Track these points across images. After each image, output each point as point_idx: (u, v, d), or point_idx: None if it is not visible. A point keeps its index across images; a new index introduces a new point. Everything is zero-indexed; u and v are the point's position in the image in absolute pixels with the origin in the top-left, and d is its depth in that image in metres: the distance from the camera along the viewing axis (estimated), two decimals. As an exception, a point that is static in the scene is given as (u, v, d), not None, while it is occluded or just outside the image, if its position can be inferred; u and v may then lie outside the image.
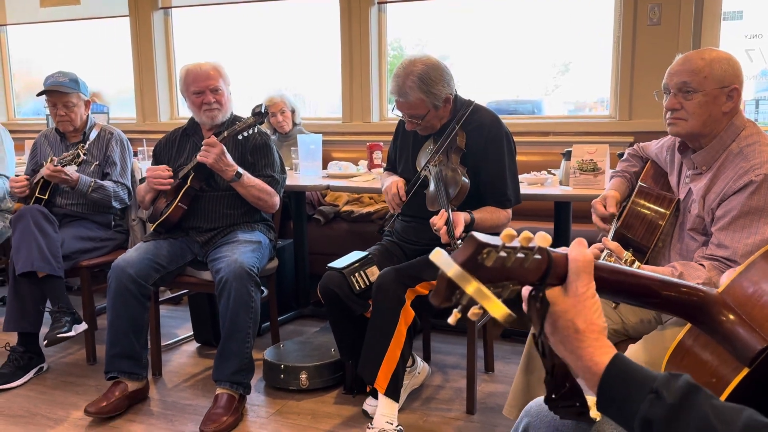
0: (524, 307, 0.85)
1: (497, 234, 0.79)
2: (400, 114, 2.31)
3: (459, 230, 2.03)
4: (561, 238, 2.86)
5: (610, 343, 0.82)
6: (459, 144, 2.24)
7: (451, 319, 0.76)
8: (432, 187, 2.21)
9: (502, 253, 0.74)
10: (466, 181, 2.19)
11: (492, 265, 0.73)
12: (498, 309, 0.72)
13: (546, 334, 0.84)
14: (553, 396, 0.89)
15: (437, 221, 2.05)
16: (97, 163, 2.93)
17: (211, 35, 4.94)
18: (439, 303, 0.74)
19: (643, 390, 0.75)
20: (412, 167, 2.39)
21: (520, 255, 0.75)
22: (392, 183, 2.34)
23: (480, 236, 0.73)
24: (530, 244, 0.77)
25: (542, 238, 0.78)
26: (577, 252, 0.82)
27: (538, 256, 0.78)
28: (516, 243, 0.75)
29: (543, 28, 4.26)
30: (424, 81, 2.17)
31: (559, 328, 0.82)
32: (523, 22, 4.29)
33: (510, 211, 2.33)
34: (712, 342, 0.93)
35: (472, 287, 0.71)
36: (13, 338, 2.81)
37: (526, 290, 0.84)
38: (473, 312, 0.74)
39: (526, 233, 0.77)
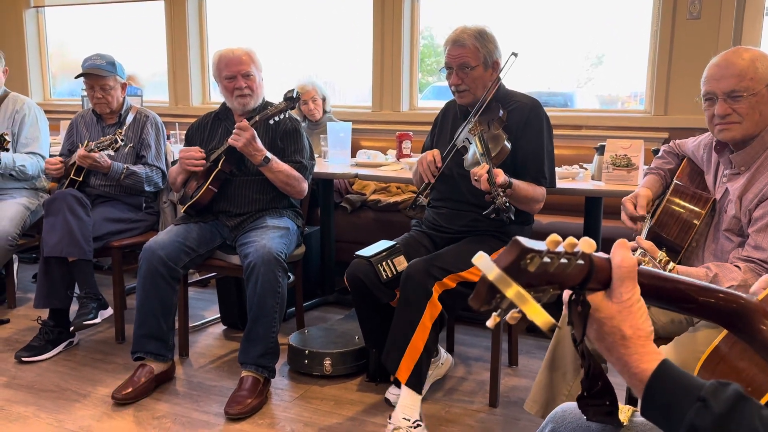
0: (564, 310, 0.84)
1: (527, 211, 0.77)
2: (447, 70, 2.31)
3: (500, 179, 2.03)
4: (591, 234, 2.83)
5: (657, 349, 0.81)
6: (501, 116, 2.24)
7: (490, 323, 0.75)
8: (471, 150, 2.20)
9: (546, 259, 0.73)
10: (508, 145, 2.18)
11: (535, 271, 0.72)
12: (539, 315, 0.71)
13: (591, 340, 0.83)
14: (585, 394, 0.88)
15: (478, 170, 2.05)
16: (131, 145, 2.97)
17: (244, 20, 4.95)
18: (479, 306, 0.73)
19: (689, 397, 0.74)
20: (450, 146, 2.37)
21: (563, 260, 0.74)
22: (427, 152, 2.33)
23: (524, 241, 0.72)
24: (574, 250, 0.76)
25: (587, 244, 0.77)
26: (621, 257, 0.81)
27: (581, 262, 0.77)
28: (560, 248, 0.74)
29: (577, 19, 4.19)
30: (481, 34, 2.29)
31: (606, 335, 0.81)
32: (556, 13, 4.23)
33: (545, 190, 2.30)
34: (749, 350, 0.91)
35: (512, 291, 0.70)
36: (45, 312, 2.88)
37: (566, 294, 0.83)
38: (512, 316, 0.74)
39: (571, 239, 0.76)
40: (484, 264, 0.71)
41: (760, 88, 1.63)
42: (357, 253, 2.30)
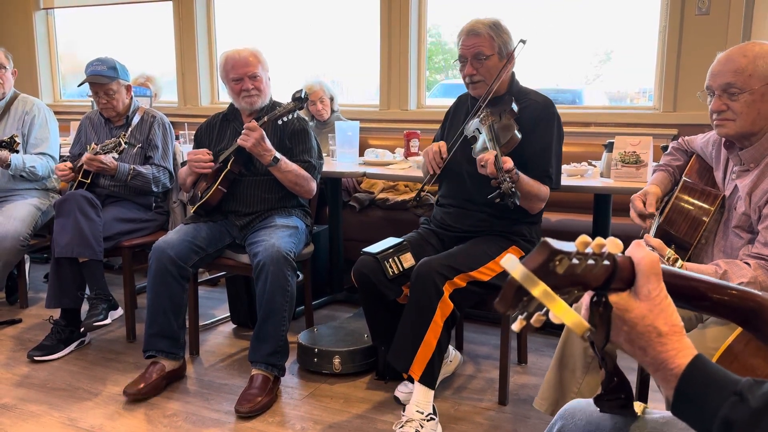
0: (583, 313, 0.82)
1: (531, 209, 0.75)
2: (461, 62, 2.29)
3: (508, 165, 2.01)
4: (600, 232, 2.82)
5: (691, 344, 0.79)
6: (513, 109, 2.22)
7: (516, 326, 0.74)
8: (481, 138, 2.18)
9: (575, 260, 0.72)
10: (518, 134, 2.16)
11: (563, 273, 0.71)
12: (570, 316, 0.69)
13: (620, 344, 0.81)
14: (603, 392, 0.88)
15: (486, 155, 2.04)
16: (140, 145, 2.99)
17: (252, 20, 4.97)
18: (505, 310, 0.71)
19: (724, 392, 0.73)
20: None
21: (590, 262, 0.73)
22: (433, 144, 2.33)
23: (553, 243, 0.71)
24: (602, 251, 0.75)
25: (614, 244, 0.76)
26: (642, 253, 0.80)
27: (606, 262, 0.76)
28: (589, 250, 0.73)
29: (585, 15, 4.18)
30: (496, 25, 2.29)
31: (640, 335, 0.79)
32: (564, 9, 4.21)
33: (549, 190, 2.28)
34: (764, 348, 0.91)
35: (541, 293, 0.69)
36: (56, 312, 2.90)
37: (587, 296, 0.81)
38: (537, 319, 0.73)
39: (599, 239, 0.75)
40: (512, 266, 0.69)
41: (759, 87, 1.60)
42: (364, 249, 2.31)
